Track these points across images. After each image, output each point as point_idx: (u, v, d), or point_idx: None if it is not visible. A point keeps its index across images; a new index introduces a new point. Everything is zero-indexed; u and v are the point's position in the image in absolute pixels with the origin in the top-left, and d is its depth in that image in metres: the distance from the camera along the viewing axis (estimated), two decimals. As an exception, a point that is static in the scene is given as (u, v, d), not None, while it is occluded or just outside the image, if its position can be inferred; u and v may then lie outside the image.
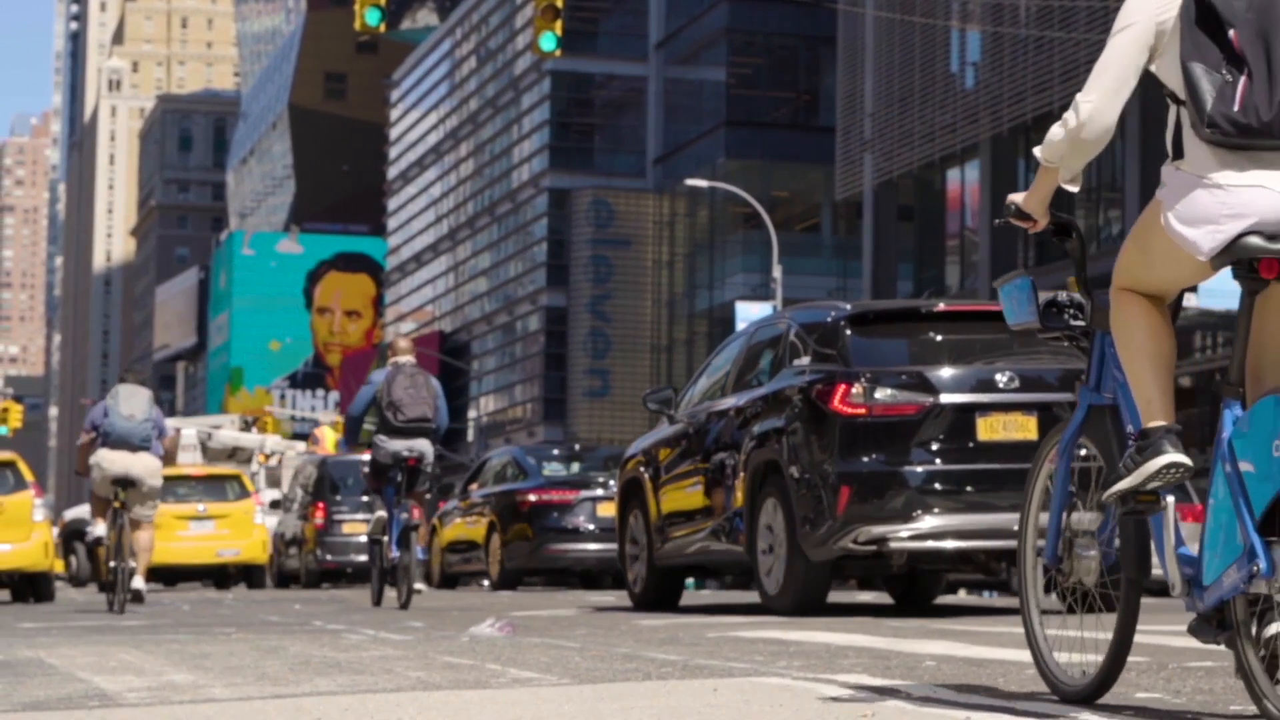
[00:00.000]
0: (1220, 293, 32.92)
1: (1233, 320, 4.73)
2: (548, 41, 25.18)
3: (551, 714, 5.20)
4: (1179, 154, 4.67)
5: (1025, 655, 7.15)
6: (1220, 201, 4.52)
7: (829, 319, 12.29)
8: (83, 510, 34.66)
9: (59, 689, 6.39)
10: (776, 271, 49.99)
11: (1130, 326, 4.85)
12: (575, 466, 25.18)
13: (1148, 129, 43.37)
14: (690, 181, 58.05)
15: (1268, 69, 4.50)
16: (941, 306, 12.55)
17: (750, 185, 62.67)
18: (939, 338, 12.32)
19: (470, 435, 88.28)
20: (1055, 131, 4.82)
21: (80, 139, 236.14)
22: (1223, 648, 4.65)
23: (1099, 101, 4.74)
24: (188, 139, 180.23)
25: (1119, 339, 4.90)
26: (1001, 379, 11.73)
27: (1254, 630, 4.53)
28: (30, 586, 20.38)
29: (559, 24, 25.14)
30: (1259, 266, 4.51)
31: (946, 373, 11.75)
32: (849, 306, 12.45)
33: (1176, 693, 5.66)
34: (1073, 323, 5.23)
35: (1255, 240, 4.47)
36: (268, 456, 42.38)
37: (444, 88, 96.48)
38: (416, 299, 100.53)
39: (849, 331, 12.04)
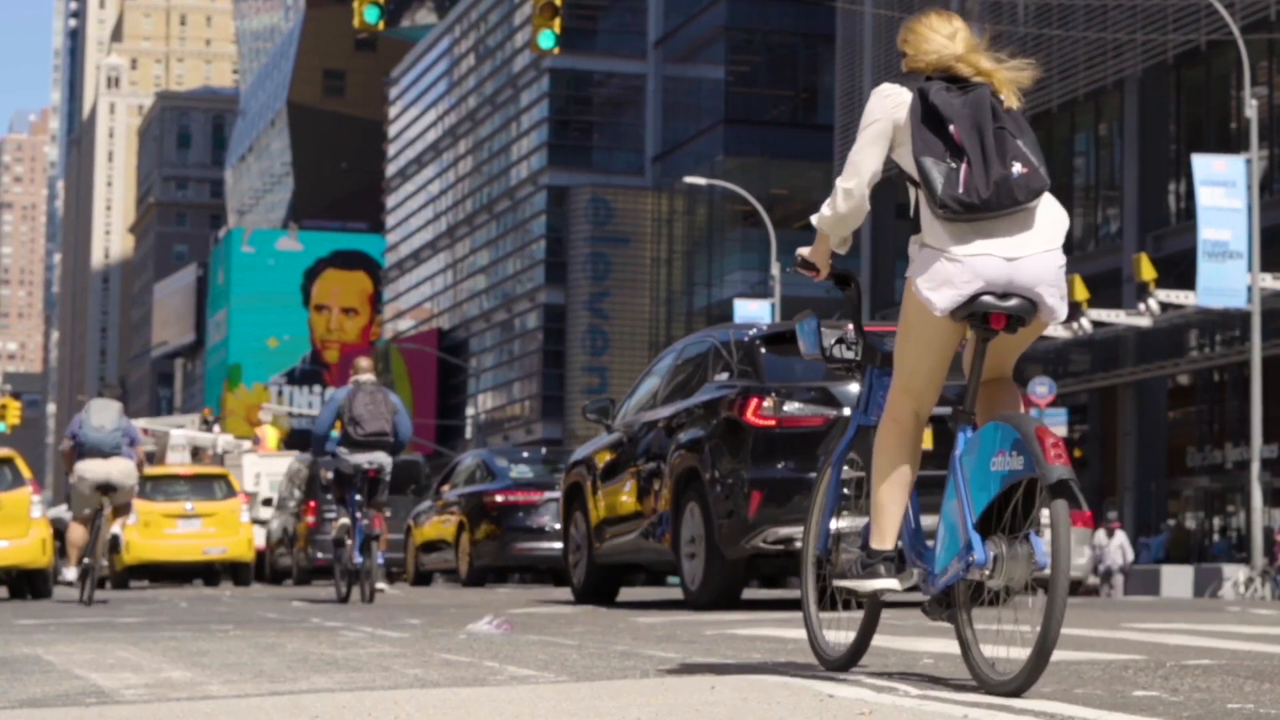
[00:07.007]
0: (1219, 291, 32.92)
1: (1230, 320, 4.95)
2: (546, 39, 25.18)
3: (549, 712, 5.20)
4: (918, 228, 5.64)
5: (1023, 654, 7.16)
6: (957, 269, 5.52)
7: (747, 338, 13.38)
8: (62, 510, 34.79)
9: (56, 686, 6.39)
10: (775, 269, 49.99)
11: (887, 454, 5.79)
12: (543, 469, 25.78)
13: (1145, 127, 43.33)
14: (689, 179, 58.03)
15: (983, 155, 5.49)
16: (849, 327, 13.02)
17: (749, 183, 62.67)
18: None
19: (468, 433, 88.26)
20: (824, 209, 5.82)
21: (79, 136, 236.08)
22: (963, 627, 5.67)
23: (855, 186, 5.73)
24: (186, 136, 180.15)
25: (875, 457, 5.81)
26: None
27: (970, 608, 5.61)
28: (28, 583, 20.34)
29: (557, 21, 25.14)
30: (990, 320, 5.59)
31: (852, 388, 12.47)
32: (765, 327, 13.75)
33: (1174, 690, 5.67)
34: (845, 356, 6.35)
35: (988, 299, 5.53)
36: (212, 455, 42.63)
37: (443, 85, 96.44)
38: (415, 296, 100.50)
39: (764, 350, 13.13)
